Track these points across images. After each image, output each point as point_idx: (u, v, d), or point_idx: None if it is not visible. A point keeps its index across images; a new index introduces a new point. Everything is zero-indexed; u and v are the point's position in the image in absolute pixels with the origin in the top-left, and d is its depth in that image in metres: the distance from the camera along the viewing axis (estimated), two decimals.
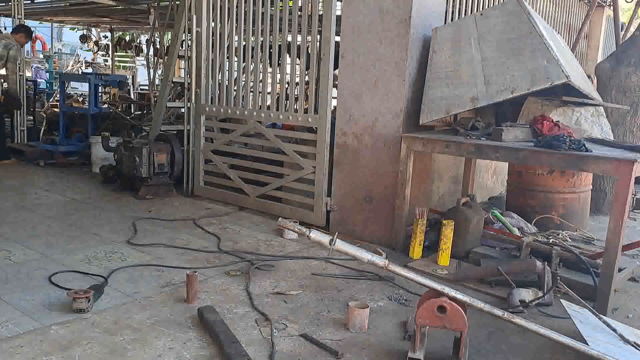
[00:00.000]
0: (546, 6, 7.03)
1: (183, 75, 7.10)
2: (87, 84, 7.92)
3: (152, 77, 8.66)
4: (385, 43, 4.35)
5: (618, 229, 3.27)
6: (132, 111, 9.58)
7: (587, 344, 2.59)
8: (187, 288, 3.21)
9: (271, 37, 5.20)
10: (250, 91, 5.58)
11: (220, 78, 5.79)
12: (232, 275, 3.69)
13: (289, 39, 5.73)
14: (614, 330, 2.83)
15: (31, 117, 9.04)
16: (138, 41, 16.03)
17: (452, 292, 2.55)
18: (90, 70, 15.63)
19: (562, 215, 5.10)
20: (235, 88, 5.73)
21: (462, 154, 4.12)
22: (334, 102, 4.83)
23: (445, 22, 4.70)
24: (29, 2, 9.68)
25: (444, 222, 4.08)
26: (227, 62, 5.79)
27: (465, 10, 5.20)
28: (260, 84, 5.48)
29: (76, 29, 17.66)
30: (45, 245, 4.08)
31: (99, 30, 15.61)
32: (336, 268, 3.95)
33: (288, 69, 5.25)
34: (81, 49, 19.36)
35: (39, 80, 13.94)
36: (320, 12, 4.84)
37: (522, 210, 5.21)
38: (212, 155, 5.83)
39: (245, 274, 3.70)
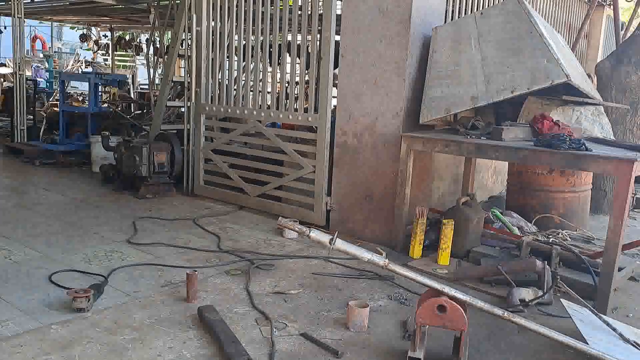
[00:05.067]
0: (546, 5, 7.02)
1: (183, 75, 7.10)
2: (87, 83, 7.92)
3: (152, 76, 8.67)
4: (385, 42, 4.35)
5: (618, 228, 3.27)
6: (132, 110, 9.57)
7: (586, 343, 2.59)
8: (187, 287, 3.21)
9: (271, 36, 5.19)
10: (250, 90, 5.58)
11: (220, 77, 5.79)
12: (232, 274, 3.69)
13: (289, 38, 5.73)
14: (614, 329, 2.84)
15: (31, 117, 9.04)
16: (138, 40, 16.00)
17: (452, 292, 2.55)
18: (90, 69, 15.61)
19: (562, 214, 5.10)
20: (235, 87, 5.72)
21: (462, 153, 4.12)
22: (334, 102, 4.83)
23: (445, 22, 4.70)
24: (29, 1, 9.68)
25: (444, 221, 4.08)
26: (227, 62, 5.79)
27: (465, 9, 5.20)
28: (260, 83, 5.48)
29: (76, 28, 17.64)
30: (45, 245, 4.08)
31: (99, 29, 15.59)
32: (336, 267, 3.95)
33: (288, 68, 5.25)
34: (81, 48, 19.36)
35: (38, 79, 13.94)
36: (320, 12, 4.84)
37: (522, 210, 5.20)
38: (212, 154, 5.83)
39: (245, 273, 3.70)
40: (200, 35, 5.76)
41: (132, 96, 11.07)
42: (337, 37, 4.74)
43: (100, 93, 8.73)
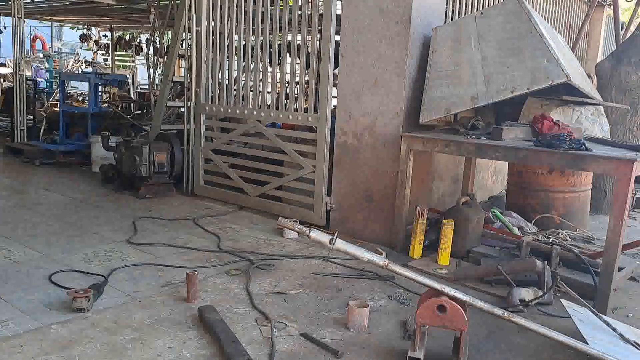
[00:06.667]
0: (546, 5, 7.02)
1: (183, 75, 7.10)
2: (87, 83, 7.91)
3: (152, 76, 8.66)
4: (385, 42, 4.35)
5: (618, 228, 3.27)
6: (132, 110, 9.57)
7: (587, 343, 2.59)
8: (187, 287, 3.21)
9: (271, 36, 5.19)
10: (250, 90, 5.58)
11: (220, 77, 5.79)
12: (232, 274, 3.69)
13: (289, 38, 5.73)
14: (614, 329, 2.84)
15: (31, 117, 9.04)
16: (138, 40, 16.00)
17: (452, 292, 2.55)
18: (90, 69, 15.60)
19: (562, 214, 5.10)
20: (235, 87, 5.72)
21: (462, 153, 4.12)
22: (334, 102, 4.83)
23: (445, 22, 4.70)
24: (29, 1, 9.68)
25: (444, 221, 4.08)
26: (227, 62, 5.79)
27: (465, 9, 5.20)
28: (260, 83, 5.48)
29: (76, 28, 17.64)
30: (45, 245, 4.08)
31: (98, 29, 15.59)
32: (336, 267, 3.95)
33: (288, 68, 5.25)
34: (81, 48, 19.35)
35: (38, 79, 13.93)
36: (320, 12, 4.84)
37: (522, 210, 5.20)
38: (212, 154, 5.83)
39: (245, 273, 3.70)
40: (200, 35, 5.76)
41: (132, 96, 11.06)
42: (337, 37, 4.74)
43: (100, 93, 8.72)
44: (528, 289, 3.42)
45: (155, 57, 9.41)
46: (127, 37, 16.14)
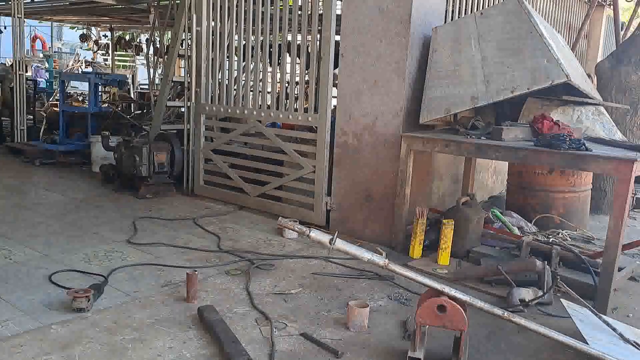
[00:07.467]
0: (546, 5, 7.02)
1: (183, 75, 7.10)
2: (87, 83, 7.91)
3: (152, 76, 8.66)
4: (385, 42, 4.35)
5: (618, 228, 3.27)
6: (132, 110, 9.57)
7: (587, 343, 2.59)
8: (187, 287, 3.21)
9: (271, 36, 5.19)
10: (250, 90, 5.58)
11: (220, 77, 5.79)
12: (232, 274, 3.69)
13: (289, 38, 5.73)
14: (614, 329, 2.84)
15: (31, 117, 9.03)
16: (138, 40, 16.01)
17: (452, 292, 2.55)
18: (90, 69, 15.60)
19: (562, 214, 5.10)
20: (235, 87, 5.72)
21: (462, 153, 4.12)
22: (334, 102, 4.83)
23: (445, 22, 4.70)
24: (29, 1, 9.68)
25: (444, 221, 4.08)
26: (227, 62, 5.79)
27: (465, 9, 5.20)
28: (260, 83, 5.48)
29: (76, 28, 17.65)
30: (45, 245, 4.08)
31: (98, 29, 15.59)
32: (336, 267, 3.95)
33: (288, 68, 5.25)
34: (81, 48, 19.36)
35: (38, 79, 13.92)
36: (320, 12, 4.84)
37: (522, 210, 5.20)
38: (212, 154, 5.83)
39: (246, 273, 3.70)
40: (200, 35, 5.76)
41: (132, 96, 11.07)
42: (337, 37, 4.74)
43: (100, 93, 8.72)
44: (528, 289, 3.41)
45: (155, 57, 9.41)
46: (127, 37, 16.15)
